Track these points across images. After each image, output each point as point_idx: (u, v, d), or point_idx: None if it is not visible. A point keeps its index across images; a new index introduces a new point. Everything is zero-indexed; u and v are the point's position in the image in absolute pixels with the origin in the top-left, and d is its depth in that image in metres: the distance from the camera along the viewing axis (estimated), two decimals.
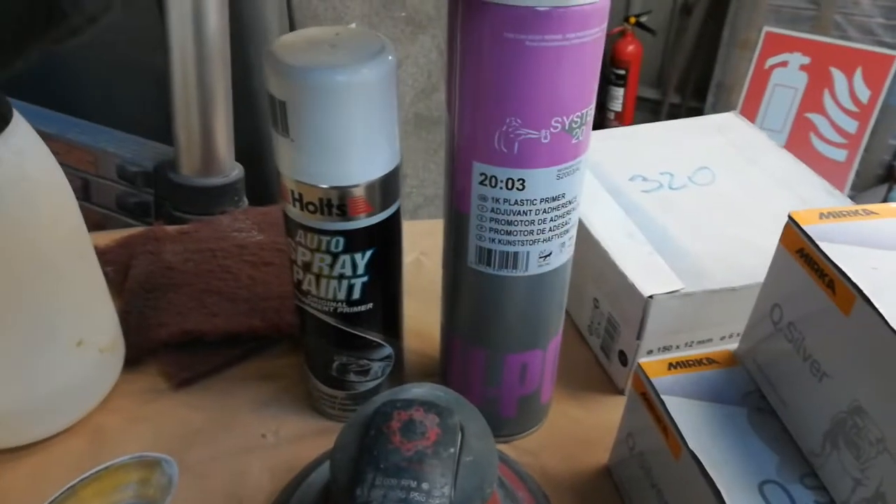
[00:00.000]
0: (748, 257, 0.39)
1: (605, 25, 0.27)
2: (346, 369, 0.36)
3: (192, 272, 0.45)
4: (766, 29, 1.75)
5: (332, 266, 0.32)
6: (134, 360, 0.40)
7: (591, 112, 0.29)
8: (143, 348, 0.40)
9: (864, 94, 1.67)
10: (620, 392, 0.40)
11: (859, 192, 1.67)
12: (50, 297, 0.33)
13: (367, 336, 0.35)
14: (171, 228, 0.50)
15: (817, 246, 0.27)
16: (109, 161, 0.61)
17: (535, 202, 0.30)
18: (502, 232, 0.30)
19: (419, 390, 0.29)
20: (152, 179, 0.61)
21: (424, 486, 0.26)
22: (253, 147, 0.66)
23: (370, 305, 0.34)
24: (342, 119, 0.29)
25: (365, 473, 0.26)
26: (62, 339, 0.35)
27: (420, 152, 1.07)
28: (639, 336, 0.37)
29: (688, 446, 0.28)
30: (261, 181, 0.64)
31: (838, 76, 1.69)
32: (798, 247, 0.28)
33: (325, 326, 0.34)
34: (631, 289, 0.37)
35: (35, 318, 0.33)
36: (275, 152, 0.31)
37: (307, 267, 0.33)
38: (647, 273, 0.37)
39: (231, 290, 0.44)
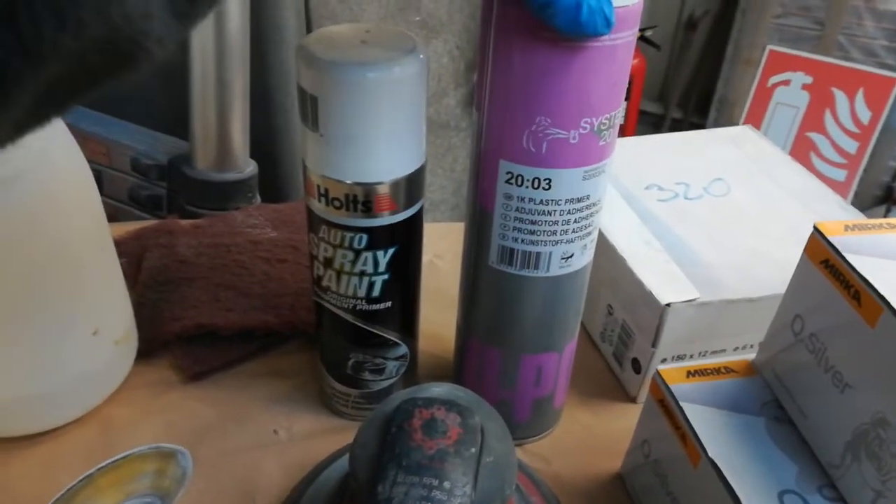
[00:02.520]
0: (764, 269, 0.39)
1: (636, 29, 0.27)
2: (361, 367, 0.36)
3: (206, 266, 0.45)
4: (769, 47, 1.76)
5: (353, 263, 0.32)
6: (146, 352, 0.40)
7: (619, 115, 0.29)
8: (156, 341, 0.40)
9: (865, 115, 1.68)
10: (632, 400, 0.40)
11: None
12: (69, 285, 0.33)
13: (384, 334, 0.35)
14: (184, 222, 0.50)
15: (843, 257, 0.27)
16: (123, 153, 0.61)
17: (560, 202, 0.30)
18: (526, 231, 0.31)
19: (439, 389, 0.29)
20: (166, 173, 0.61)
21: (446, 484, 0.26)
22: (266, 145, 0.66)
23: (389, 304, 0.34)
24: (372, 115, 0.29)
25: (387, 470, 0.26)
26: (79, 328, 0.34)
27: (427, 157, 1.07)
28: (654, 344, 0.37)
29: (707, 454, 0.28)
30: (273, 179, 0.64)
31: (840, 97, 1.70)
32: (823, 258, 0.28)
33: (343, 323, 0.34)
34: (648, 296, 0.37)
35: (54, 306, 0.33)
36: (302, 147, 0.31)
37: (328, 263, 0.33)
38: (664, 281, 0.38)
39: (245, 286, 0.44)
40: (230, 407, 0.39)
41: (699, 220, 0.43)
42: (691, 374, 0.32)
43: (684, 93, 2.01)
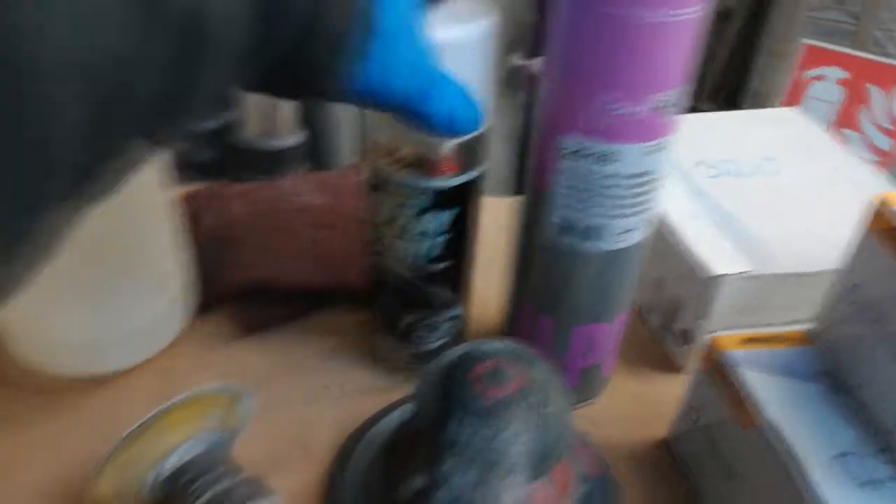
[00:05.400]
0: (815, 245, 0.39)
1: (706, 4, 0.27)
2: (414, 327, 0.37)
3: (256, 229, 0.46)
4: (804, 41, 1.74)
5: (415, 224, 0.33)
6: (203, 307, 0.41)
7: (683, 91, 0.29)
8: (212, 296, 0.41)
9: None
10: (678, 370, 0.41)
11: None
12: (141, 237, 0.34)
13: (440, 295, 0.36)
14: (233, 187, 0.51)
15: None
16: None
17: (621, 177, 0.30)
18: (586, 205, 0.31)
19: (499, 344, 0.30)
20: (215, 140, 0.62)
21: (509, 430, 0.26)
22: (313, 114, 0.67)
23: (446, 265, 0.35)
24: None
25: (454, 411, 0.26)
26: (145, 279, 0.36)
27: None
28: (702, 316, 0.38)
29: (764, 416, 0.29)
30: (320, 147, 0.65)
31: (875, 93, 1.68)
32: (884, 227, 0.28)
33: (400, 284, 0.35)
34: (698, 268, 0.37)
35: (126, 256, 0.34)
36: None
37: (389, 223, 0.33)
38: (715, 253, 0.38)
39: (295, 249, 0.45)
40: (283, 361, 0.40)
41: (749, 197, 0.43)
42: (747, 341, 0.32)
43: (716, 84, 1.99)
